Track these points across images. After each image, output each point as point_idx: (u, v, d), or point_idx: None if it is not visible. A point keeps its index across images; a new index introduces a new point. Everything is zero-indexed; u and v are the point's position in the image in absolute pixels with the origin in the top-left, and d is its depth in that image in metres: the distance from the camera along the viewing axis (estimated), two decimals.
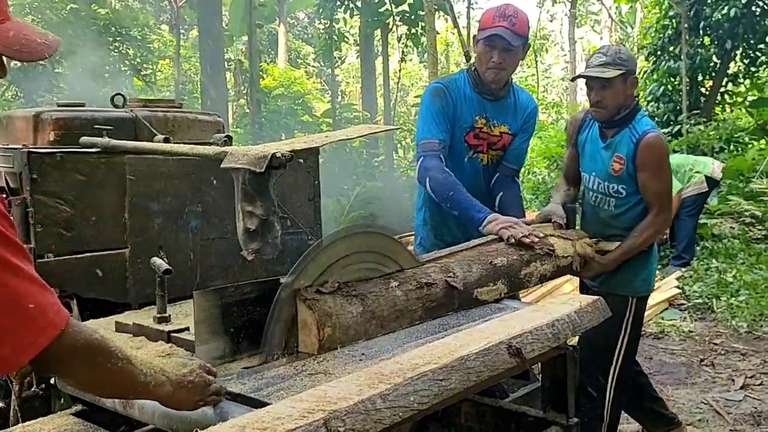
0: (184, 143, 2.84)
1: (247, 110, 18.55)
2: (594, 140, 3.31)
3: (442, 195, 3.10)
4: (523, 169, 16.14)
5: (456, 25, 10.15)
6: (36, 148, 2.62)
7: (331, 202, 10.52)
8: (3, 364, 1.27)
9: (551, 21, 31.94)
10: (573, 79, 3.70)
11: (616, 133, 3.20)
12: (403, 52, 21.06)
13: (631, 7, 23.93)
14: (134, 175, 2.63)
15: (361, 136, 2.68)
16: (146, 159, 2.67)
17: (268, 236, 2.04)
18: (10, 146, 2.80)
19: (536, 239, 2.88)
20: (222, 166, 2.06)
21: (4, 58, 1.33)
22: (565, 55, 30.50)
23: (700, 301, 6.77)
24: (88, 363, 1.34)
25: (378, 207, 11.40)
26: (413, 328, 2.22)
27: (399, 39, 20.64)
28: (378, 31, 21.77)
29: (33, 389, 2.39)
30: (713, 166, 7.84)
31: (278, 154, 1.94)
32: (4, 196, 2.75)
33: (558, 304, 2.32)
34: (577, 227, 3.41)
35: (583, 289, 3.51)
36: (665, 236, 7.60)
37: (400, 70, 22.65)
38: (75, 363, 1.33)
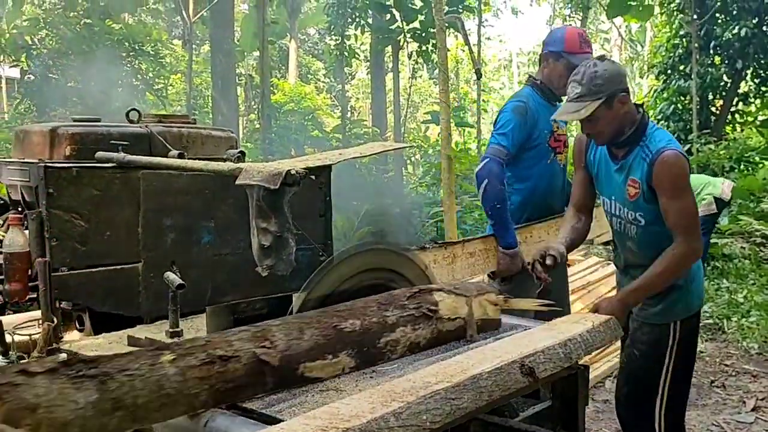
0: (198, 159, 2.87)
1: (258, 125, 18.64)
2: (605, 161, 2.98)
3: (491, 203, 3.39)
4: None
5: (467, 42, 10.18)
6: (52, 162, 2.65)
7: (340, 219, 10.54)
8: None
9: None
10: (553, 120, 3.45)
11: (628, 152, 2.85)
12: (413, 68, 21.15)
13: (641, 26, 23.99)
14: (148, 190, 2.65)
15: (374, 154, 2.69)
16: (160, 174, 2.69)
17: (282, 252, 2.05)
18: (26, 160, 2.83)
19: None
20: (237, 182, 2.08)
21: None
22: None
23: (710, 321, 6.73)
24: None
25: (387, 223, 11.40)
26: None
27: (410, 56, 20.73)
28: (388, 48, 21.88)
29: None
30: (722, 187, 7.80)
31: (293, 171, 1.96)
32: (20, 209, 2.78)
33: (570, 323, 2.32)
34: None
35: None
36: None
37: (410, 87, 22.74)
38: None
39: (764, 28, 11.35)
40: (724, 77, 12.15)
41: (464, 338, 2.30)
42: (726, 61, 11.94)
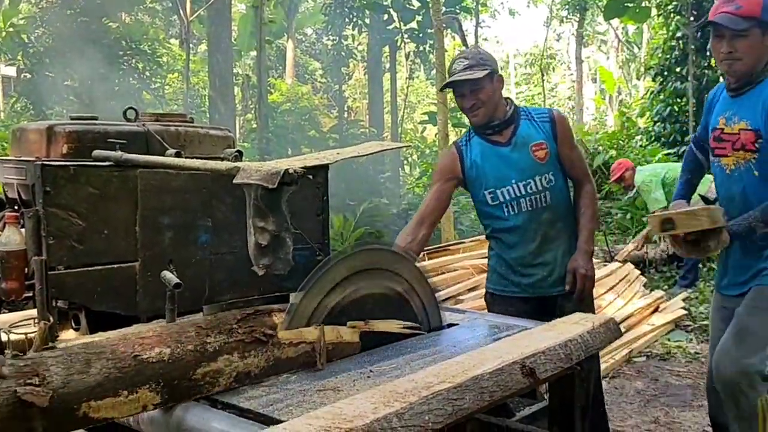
0: (196, 158, 2.86)
1: (255, 125, 18.63)
2: (488, 152, 3.16)
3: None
4: None
5: (464, 43, 10.21)
6: (49, 160, 2.64)
7: (337, 218, 10.54)
8: None
9: (558, 40, 32.13)
10: (442, 89, 3.91)
11: (515, 129, 3.15)
12: (410, 69, 21.17)
13: (637, 27, 24.03)
14: (146, 189, 2.64)
15: (372, 153, 2.69)
16: (158, 173, 2.68)
17: (279, 252, 2.05)
18: (23, 158, 2.82)
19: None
20: (234, 181, 2.07)
21: None
22: (572, 74, 30.60)
23: (706, 322, 6.73)
24: None
25: (384, 224, 11.41)
26: None
27: (407, 56, 20.74)
28: (386, 48, 21.89)
29: None
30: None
31: (291, 170, 1.96)
32: (17, 207, 2.77)
33: (570, 324, 2.32)
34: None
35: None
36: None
37: (407, 87, 22.75)
38: None
39: None
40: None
41: (313, 366, 2.03)
42: None
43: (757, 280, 2.85)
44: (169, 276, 2.25)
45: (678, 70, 12.53)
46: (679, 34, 12.52)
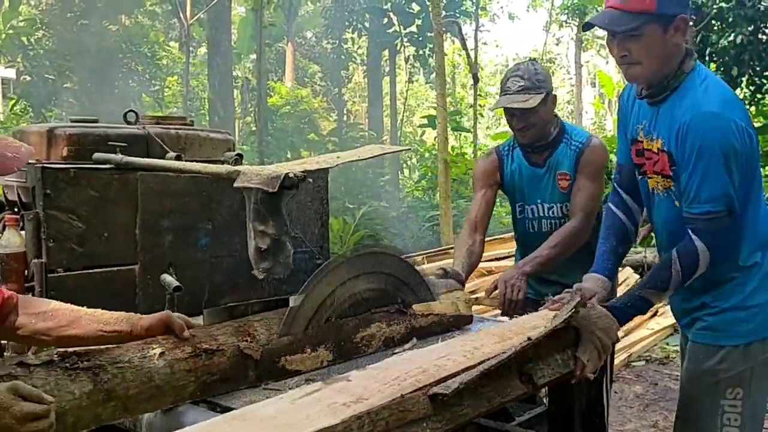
0: (196, 161, 2.87)
1: (254, 128, 18.64)
2: (524, 169, 3.15)
3: None
4: None
5: (464, 47, 10.23)
6: (50, 163, 2.64)
7: (336, 222, 10.55)
8: None
9: (557, 44, 32.16)
10: (492, 109, 3.66)
11: (552, 153, 3.08)
12: (410, 72, 21.19)
13: None
14: (146, 191, 2.65)
15: (372, 157, 2.69)
16: (158, 176, 2.68)
17: (279, 256, 2.05)
18: None
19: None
20: (235, 185, 2.08)
21: None
22: (571, 78, 30.64)
23: None
24: None
25: (383, 227, 11.42)
26: None
27: (407, 60, 20.77)
28: (385, 52, 21.91)
29: None
30: None
31: (291, 174, 1.96)
32: (17, 210, 2.77)
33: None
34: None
35: None
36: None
37: (407, 91, 22.78)
38: None
39: (760, 36, 11.41)
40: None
41: (437, 333, 2.37)
42: (721, 69, 11.98)
43: (693, 329, 2.38)
44: (169, 279, 2.25)
45: None
46: None
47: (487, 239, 3.46)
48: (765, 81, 12.04)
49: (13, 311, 1.71)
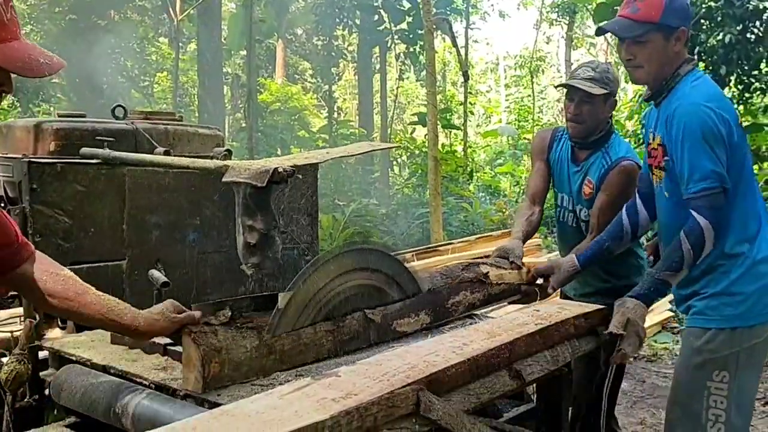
0: (184, 156, 2.86)
1: (244, 124, 18.59)
2: (565, 160, 3.23)
3: None
4: (518, 189, 15.97)
5: (455, 44, 10.22)
6: (36, 158, 2.62)
7: (326, 218, 10.53)
8: None
9: (547, 43, 32.21)
10: (557, 86, 3.73)
11: (590, 155, 3.12)
12: (400, 70, 21.18)
13: None
14: (133, 187, 2.63)
15: (362, 153, 2.69)
16: (146, 171, 2.67)
17: (268, 251, 2.04)
18: (9, 155, 2.80)
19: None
20: (224, 179, 2.06)
21: (12, 75, 1.47)
22: (561, 76, 30.72)
23: None
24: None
25: (374, 224, 11.40)
26: None
27: (397, 57, 20.76)
28: (376, 49, 21.89)
29: (26, 400, 2.37)
30: None
31: (280, 169, 1.95)
32: (2, 205, 2.75)
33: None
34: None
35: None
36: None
37: (397, 88, 22.76)
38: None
39: (748, 35, 11.45)
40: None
41: (507, 299, 2.84)
42: (710, 67, 12.02)
43: (687, 316, 2.57)
44: (157, 275, 2.24)
45: None
46: None
47: (477, 237, 3.50)
48: (753, 80, 12.09)
49: (29, 260, 1.79)
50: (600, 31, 2.68)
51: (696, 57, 12.02)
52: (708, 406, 2.41)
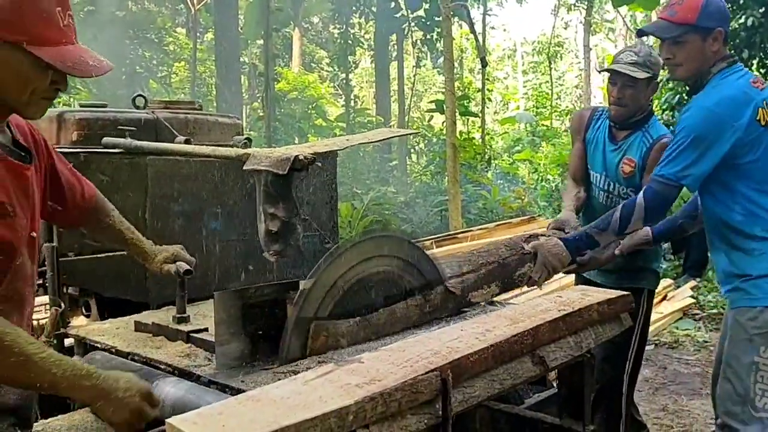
0: (205, 145, 2.86)
1: (261, 113, 18.61)
2: (602, 140, 3.31)
3: None
4: (537, 176, 15.92)
5: (473, 31, 10.16)
6: (59, 147, 2.64)
7: (344, 206, 10.53)
8: None
9: (565, 28, 31.92)
10: (601, 71, 3.78)
11: (629, 135, 3.20)
12: (417, 57, 21.08)
13: (646, 15, 23.87)
14: (155, 176, 2.65)
15: (382, 140, 2.69)
16: (167, 160, 2.68)
17: (289, 238, 2.05)
18: None
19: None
20: (245, 167, 2.07)
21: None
22: (579, 62, 30.45)
23: (714, 311, 6.73)
24: None
25: (392, 212, 11.38)
26: None
27: (414, 44, 20.66)
28: (393, 36, 21.80)
29: None
30: None
31: (301, 157, 1.95)
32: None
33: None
34: None
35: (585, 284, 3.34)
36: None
37: (414, 75, 22.67)
38: None
39: None
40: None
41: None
42: (732, 51, 11.89)
43: (732, 297, 2.69)
44: (180, 263, 2.25)
45: None
46: None
47: (496, 224, 3.55)
48: None
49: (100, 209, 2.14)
50: (640, 33, 2.83)
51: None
52: (756, 381, 2.52)
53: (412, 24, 20.19)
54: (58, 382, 1.51)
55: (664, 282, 7.23)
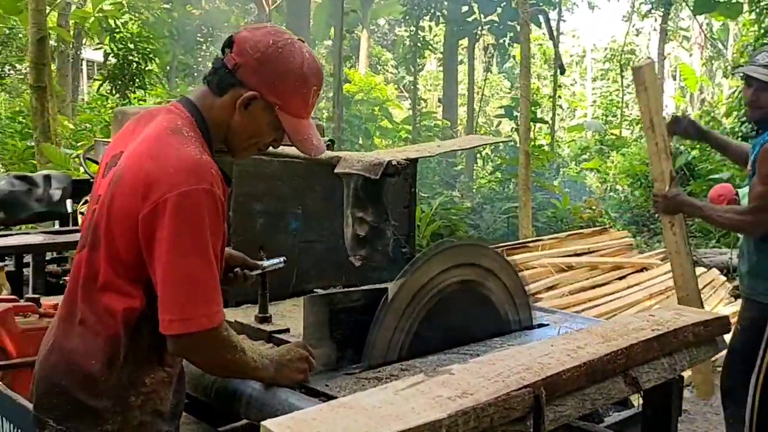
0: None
1: (327, 114, 18.75)
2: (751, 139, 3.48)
3: None
4: (606, 186, 15.55)
5: (551, 36, 10.04)
6: None
7: None
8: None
9: (637, 35, 31.24)
10: (734, 74, 4.11)
11: (757, 135, 3.30)
12: (488, 61, 20.92)
13: (723, 24, 23.12)
14: (240, 175, 2.66)
15: (473, 147, 2.65)
16: (252, 160, 2.70)
17: (377, 243, 2.03)
18: None
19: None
20: (336, 170, 2.06)
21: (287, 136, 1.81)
22: None
23: None
24: (214, 354, 1.67)
25: (459, 218, 11.27)
26: None
27: (485, 49, 20.50)
28: (462, 41, 21.68)
29: None
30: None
31: (394, 162, 1.93)
32: None
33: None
34: None
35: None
36: None
37: (484, 80, 22.50)
38: (204, 353, 1.67)
39: None
40: None
41: None
42: None
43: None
44: (267, 261, 2.26)
45: None
46: None
47: (567, 234, 3.57)
48: None
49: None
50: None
51: None
52: None
53: (485, 29, 20.00)
54: (256, 368, 1.75)
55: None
